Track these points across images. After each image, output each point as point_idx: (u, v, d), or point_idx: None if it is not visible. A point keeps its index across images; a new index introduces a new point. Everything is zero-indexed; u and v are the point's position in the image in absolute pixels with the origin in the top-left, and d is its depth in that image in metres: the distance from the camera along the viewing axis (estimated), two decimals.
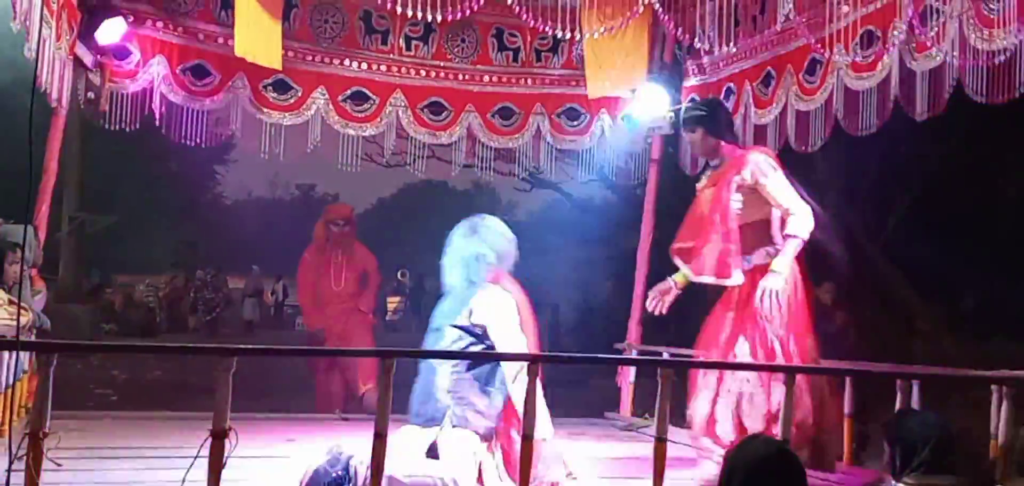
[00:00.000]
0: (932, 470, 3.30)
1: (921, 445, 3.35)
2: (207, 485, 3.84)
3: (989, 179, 13.94)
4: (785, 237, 5.31)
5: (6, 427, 4.83)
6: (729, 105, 7.32)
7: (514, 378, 4.66)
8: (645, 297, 8.10)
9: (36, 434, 3.76)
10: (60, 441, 4.63)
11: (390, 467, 4.39)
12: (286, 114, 7.45)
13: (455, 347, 4.83)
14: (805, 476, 2.69)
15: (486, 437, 4.74)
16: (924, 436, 3.38)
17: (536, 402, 4.28)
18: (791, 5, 6.07)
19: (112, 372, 12.64)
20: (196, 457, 3.98)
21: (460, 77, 7.93)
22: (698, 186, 5.72)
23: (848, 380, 5.75)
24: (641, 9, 6.39)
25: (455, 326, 4.86)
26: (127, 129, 7.08)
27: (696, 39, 6.58)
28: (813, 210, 5.32)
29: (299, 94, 7.49)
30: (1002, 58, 5.06)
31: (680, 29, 6.67)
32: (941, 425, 3.44)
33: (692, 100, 6.67)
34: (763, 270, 5.32)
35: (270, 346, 6.09)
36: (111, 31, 6.65)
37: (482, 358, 4.93)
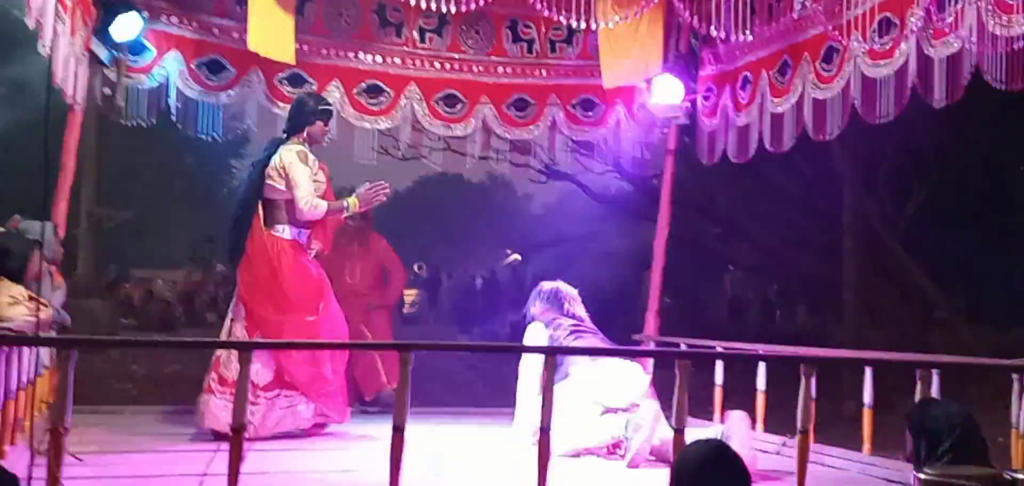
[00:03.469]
0: (957, 460, 3.27)
1: (946, 435, 3.32)
2: (227, 479, 3.85)
3: (1008, 166, 13.84)
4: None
5: (27, 423, 4.86)
6: (745, 94, 7.28)
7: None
8: (663, 289, 8.14)
9: (57, 430, 3.78)
10: (81, 436, 4.66)
11: None
12: None
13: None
14: (743, 465, 2.84)
15: None
16: (949, 425, 3.35)
17: (553, 393, 4.28)
18: None
19: (131, 366, 12.71)
20: (216, 451, 4.00)
21: (475, 69, 7.92)
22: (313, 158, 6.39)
23: (868, 369, 5.72)
24: None
25: None
26: (143, 124, 7.11)
27: (712, 28, 6.54)
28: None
29: (314, 88, 7.49)
30: (1021, 44, 5.01)
31: (696, 18, 6.63)
32: (965, 414, 3.41)
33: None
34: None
35: (288, 341, 6.10)
36: (126, 26, 6.66)
37: (504, 350, 5.00)
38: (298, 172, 6.09)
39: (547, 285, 6.60)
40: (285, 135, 6.36)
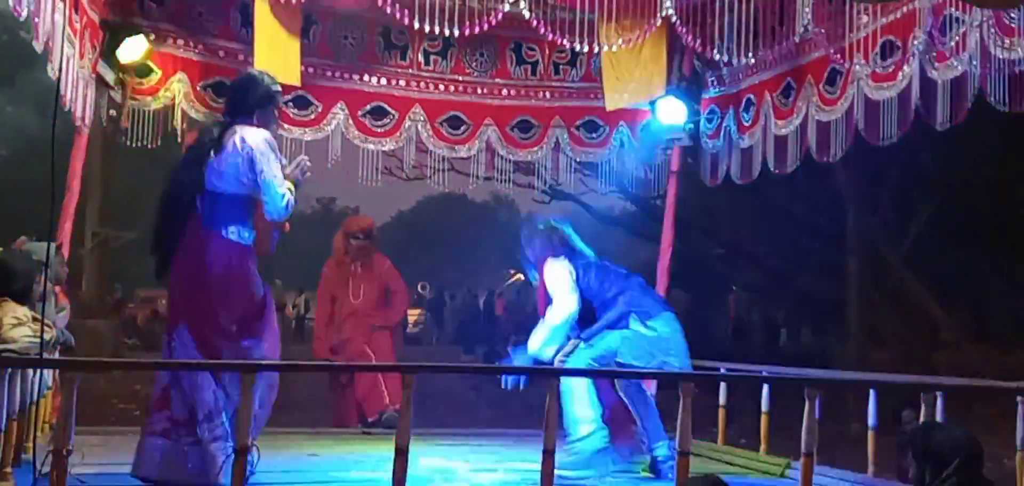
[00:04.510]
0: (960, 483, 3.27)
1: (951, 457, 3.31)
2: None
3: (1012, 188, 13.84)
4: None
5: (30, 444, 4.86)
6: (748, 116, 7.30)
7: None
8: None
9: (60, 452, 3.79)
10: (83, 457, 4.66)
11: None
12: (306, 130, 7.47)
13: None
14: None
15: None
16: (954, 449, 3.34)
17: (556, 416, 4.27)
18: (810, 16, 6.05)
19: (135, 387, 12.70)
20: (219, 472, 4.00)
21: (479, 91, 7.94)
22: None
23: (873, 391, 5.70)
24: (659, 21, 6.38)
25: None
26: (148, 146, 7.14)
27: (715, 51, 6.57)
28: None
29: (319, 110, 7.52)
30: (1023, 66, 5.03)
31: (698, 41, 6.65)
32: (969, 438, 3.40)
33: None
34: None
35: (292, 361, 6.10)
36: (132, 49, 6.71)
37: (502, 372, 5.08)
38: (271, 163, 4.86)
39: (553, 223, 6.15)
40: (228, 118, 5.05)
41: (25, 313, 4.96)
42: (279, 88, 5.32)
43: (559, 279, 5.79)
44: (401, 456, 4.03)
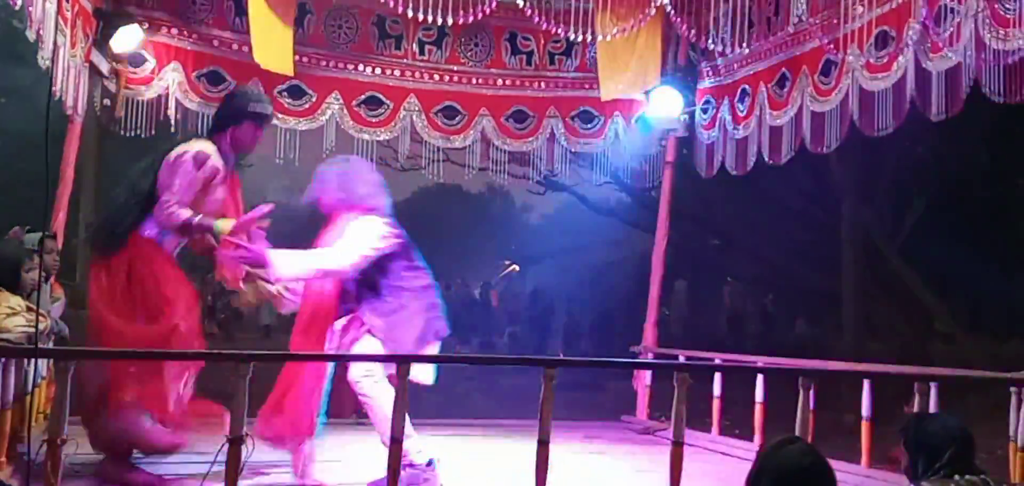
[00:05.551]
0: (954, 472, 3.27)
1: (944, 448, 3.31)
2: None
3: (1007, 178, 13.87)
4: None
5: (25, 434, 4.85)
6: (743, 106, 7.30)
7: None
8: (660, 300, 8.16)
9: (54, 441, 3.78)
10: (78, 448, 4.65)
11: None
12: (301, 119, 7.48)
13: None
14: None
15: None
16: (946, 438, 3.35)
17: (551, 407, 4.27)
18: (805, 6, 6.05)
19: None
20: (213, 463, 4.00)
21: (474, 81, 7.94)
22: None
23: (867, 382, 5.72)
24: (654, 11, 6.38)
25: None
26: (142, 135, 7.12)
27: (710, 41, 6.57)
28: None
29: (313, 99, 7.52)
30: (1018, 57, 5.03)
31: (694, 31, 6.65)
32: (961, 427, 3.41)
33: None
34: None
35: (287, 352, 6.09)
36: (126, 38, 6.69)
37: (496, 363, 5.03)
38: (174, 180, 4.82)
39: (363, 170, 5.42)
40: (212, 127, 5.12)
41: (19, 303, 4.95)
42: (265, 111, 5.16)
43: (366, 241, 5.01)
44: (396, 445, 4.03)
